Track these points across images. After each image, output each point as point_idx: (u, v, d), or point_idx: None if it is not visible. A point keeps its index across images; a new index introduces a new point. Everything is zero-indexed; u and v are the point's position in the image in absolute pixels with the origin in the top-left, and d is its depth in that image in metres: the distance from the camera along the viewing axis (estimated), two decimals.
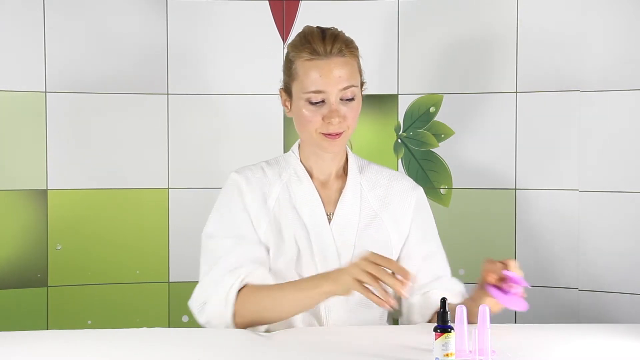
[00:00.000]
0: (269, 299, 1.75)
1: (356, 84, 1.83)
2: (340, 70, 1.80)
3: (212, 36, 2.60)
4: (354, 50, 1.85)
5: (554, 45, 2.48)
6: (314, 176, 1.90)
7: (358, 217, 1.88)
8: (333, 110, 1.79)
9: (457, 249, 2.57)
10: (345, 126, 1.81)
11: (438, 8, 2.56)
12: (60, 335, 1.73)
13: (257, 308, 1.76)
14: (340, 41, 1.82)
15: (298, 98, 1.83)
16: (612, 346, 1.61)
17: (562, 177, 2.49)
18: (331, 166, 1.90)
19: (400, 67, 2.59)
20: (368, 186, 1.92)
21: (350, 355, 1.54)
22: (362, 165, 1.95)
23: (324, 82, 1.79)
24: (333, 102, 1.80)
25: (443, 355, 1.40)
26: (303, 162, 1.90)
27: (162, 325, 2.58)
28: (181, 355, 1.55)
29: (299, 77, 1.82)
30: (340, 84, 1.79)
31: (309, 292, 1.72)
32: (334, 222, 1.87)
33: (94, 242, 2.57)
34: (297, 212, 1.87)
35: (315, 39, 1.81)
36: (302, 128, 1.85)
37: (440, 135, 2.59)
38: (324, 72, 1.79)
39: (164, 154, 2.60)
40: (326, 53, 1.80)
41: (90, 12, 2.54)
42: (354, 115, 1.83)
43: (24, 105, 2.51)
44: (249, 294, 1.76)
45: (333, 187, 1.91)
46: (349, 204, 1.88)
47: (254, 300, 1.76)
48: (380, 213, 1.91)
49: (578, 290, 2.48)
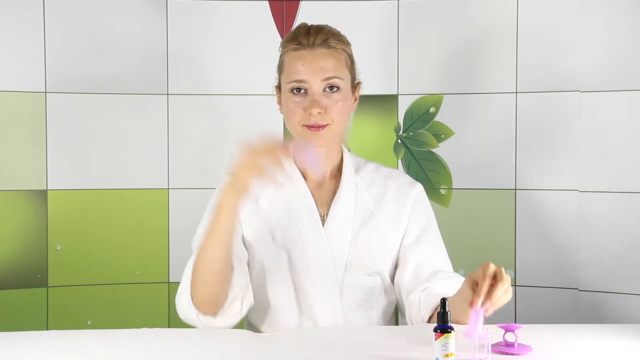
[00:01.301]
0: (198, 261, 1.72)
1: (341, 77, 1.81)
2: (324, 61, 1.79)
3: (212, 36, 2.60)
4: (343, 45, 1.84)
5: (554, 45, 2.48)
6: (308, 177, 1.89)
7: (353, 217, 1.87)
8: (313, 100, 1.78)
9: (457, 249, 2.57)
10: (328, 119, 1.79)
11: (438, 8, 2.56)
12: (60, 335, 1.73)
13: (197, 275, 1.72)
14: (326, 33, 1.82)
15: (284, 90, 1.83)
16: (612, 346, 1.61)
17: (562, 177, 2.49)
18: (325, 166, 1.89)
19: (400, 67, 2.59)
20: (364, 185, 1.90)
21: (350, 355, 1.54)
22: (358, 164, 1.93)
23: (306, 71, 1.79)
24: (315, 93, 1.78)
25: (443, 356, 1.40)
26: (297, 163, 1.89)
27: (162, 325, 2.58)
28: (181, 355, 1.55)
29: (284, 68, 1.83)
30: (322, 74, 1.78)
31: (215, 222, 1.67)
32: (327, 223, 1.85)
33: (94, 242, 2.58)
34: (289, 213, 1.86)
35: (302, 31, 1.83)
36: (287, 121, 1.84)
37: (440, 136, 2.59)
38: (307, 61, 1.79)
39: (164, 154, 2.60)
40: (309, 44, 1.80)
41: (90, 12, 2.54)
42: (339, 108, 1.80)
43: (24, 105, 2.51)
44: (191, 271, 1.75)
45: (328, 188, 1.89)
46: (344, 204, 1.87)
47: (194, 271, 1.73)
48: (376, 212, 1.89)
49: (578, 290, 2.48)
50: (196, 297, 1.73)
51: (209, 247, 1.70)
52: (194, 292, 1.73)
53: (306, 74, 1.79)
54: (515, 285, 2.53)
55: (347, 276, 1.84)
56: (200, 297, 1.73)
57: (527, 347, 1.55)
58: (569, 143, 2.48)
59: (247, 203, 1.83)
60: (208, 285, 1.73)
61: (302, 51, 1.80)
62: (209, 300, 1.74)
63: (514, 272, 2.53)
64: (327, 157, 1.88)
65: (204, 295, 1.73)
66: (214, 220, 1.68)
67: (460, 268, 2.58)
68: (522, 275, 2.53)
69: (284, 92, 1.83)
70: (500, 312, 1.80)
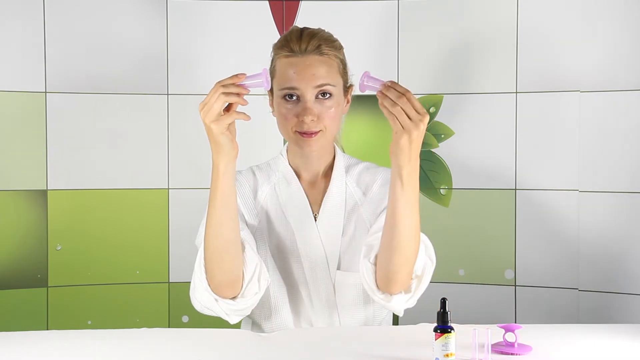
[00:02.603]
0: (208, 237, 1.70)
1: (333, 83, 1.80)
2: (316, 68, 1.78)
3: (212, 36, 2.60)
4: (335, 50, 1.83)
5: (554, 45, 2.48)
6: (302, 177, 1.90)
7: (342, 216, 1.88)
8: (306, 108, 1.77)
9: (457, 249, 2.58)
10: (321, 125, 1.79)
11: (438, 8, 2.56)
12: (60, 335, 1.73)
13: (209, 254, 1.70)
14: (319, 39, 1.81)
15: (276, 96, 1.83)
16: (612, 346, 1.61)
17: (562, 177, 2.49)
18: (317, 166, 1.89)
19: (400, 67, 2.59)
20: (353, 184, 1.91)
21: (350, 355, 1.54)
22: (349, 164, 1.93)
23: (298, 79, 1.78)
24: (307, 100, 1.78)
25: (443, 356, 1.40)
26: (291, 163, 1.90)
27: (162, 325, 2.58)
28: (181, 355, 1.55)
29: (277, 74, 1.83)
30: (314, 81, 1.78)
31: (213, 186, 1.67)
32: (319, 221, 1.86)
33: (94, 242, 2.58)
34: (283, 213, 1.87)
35: (293, 37, 1.81)
36: (280, 126, 1.84)
37: (440, 135, 2.59)
38: (299, 69, 1.78)
39: (164, 154, 2.60)
40: (301, 51, 1.79)
41: (90, 13, 2.54)
42: (331, 115, 1.79)
43: (24, 105, 2.52)
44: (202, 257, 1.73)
45: (320, 187, 1.90)
46: (334, 203, 1.87)
47: (205, 253, 1.71)
48: (361, 206, 1.89)
49: (578, 290, 2.48)
50: (214, 280, 1.71)
51: (214, 215, 1.68)
52: (210, 276, 1.71)
53: (298, 81, 1.78)
54: (516, 285, 2.53)
55: (340, 274, 1.85)
56: (218, 278, 1.71)
57: (527, 347, 1.55)
58: (569, 143, 2.48)
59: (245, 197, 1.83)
60: (223, 261, 1.70)
61: (294, 58, 1.79)
62: (228, 277, 1.71)
63: (514, 272, 2.53)
64: (319, 157, 1.88)
65: (222, 274, 1.70)
66: (213, 186, 1.68)
67: (460, 268, 2.58)
68: (522, 275, 2.53)
69: (276, 98, 1.83)
70: (500, 312, 1.81)
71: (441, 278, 2.46)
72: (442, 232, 2.57)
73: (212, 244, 1.70)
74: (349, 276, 1.85)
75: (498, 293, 2.54)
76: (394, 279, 1.71)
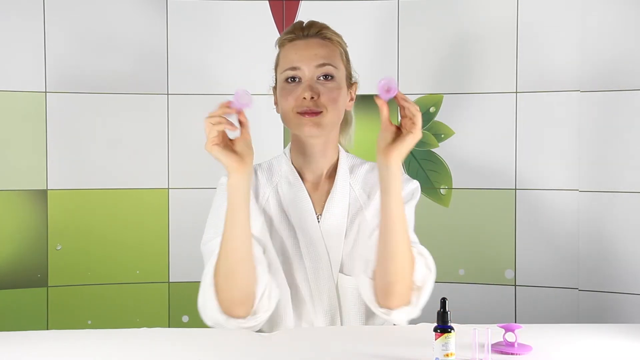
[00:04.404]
0: (221, 257, 1.70)
1: (335, 65, 1.81)
2: (318, 49, 1.81)
3: (212, 36, 2.60)
4: (338, 38, 1.86)
5: (554, 45, 2.48)
6: (305, 178, 1.88)
7: (346, 217, 1.87)
8: (306, 86, 1.79)
9: (457, 249, 2.58)
10: (322, 106, 1.78)
11: (438, 8, 2.56)
12: (60, 335, 1.73)
13: (221, 270, 1.70)
14: (320, 26, 1.85)
15: (279, 81, 1.84)
16: (612, 346, 1.61)
17: (562, 177, 2.49)
18: (321, 166, 1.88)
19: (400, 67, 2.59)
20: (357, 185, 1.90)
21: (350, 355, 1.54)
22: (354, 164, 1.92)
23: (299, 58, 1.80)
24: (308, 79, 1.79)
25: (443, 356, 1.40)
26: (294, 163, 1.89)
27: (162, 325, 2.58)
28: (181, 355, 1.55)
29: (280, 61, 1.85)
30: (316, 60, 1.79)
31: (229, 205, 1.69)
32: (322, 223, 1.85)
33: (94, 242, 2.58)
34: (286, 214, 1.86)
35: (297, 25, 1.86)
36: (282, 112, 1.84)
37: (440, 135, 2.59)
38: (300, 49, 1.81)
39: (164, 154, 2.60)
40: (304, 35, 1.84)
41: (90, 13, 2.55)
42: (333, 96, 1.79)
43: (24, 105, 2.52)
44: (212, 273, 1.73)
45: (323, 188, 1.88)
46: (337, 204, 1.86)
47: (217, 268, 1.71)
48: (365, 207, 1.88)
49: (578, 290, 2.48)
50: (225, 299, 1.70)
51: (226, 231, 1.69)
52: (221, 296, 1.70)
53: (300, 61, 1.80)
54: (516, 285, 2.53)
55: (342, 277, 1.84)
56: (230, 295, 1.70)
57: (527, 347, 1.55)
58: (569, 143, 2.48)
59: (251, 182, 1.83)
60: (235, 278, 1.69)
61: (297, 41, 1.83)
62: (239, 296, 1.70)
63: (514, 272, 2.53)
64: (322, 156, 1.87)
65: (233, 292, 1.70)
66: (228, 204, 1.69)
67: (460, 268, 2.58)
68: (522, 275, 2.53)
69: (279, 84, 1.84)
70: (500, 312, 1.81)
71: (441, 278, 2.45)
72: (442, 232, 2.57)
73: (225, 260, 1.69)
74: (351, 279, 1.84)
75: (498, 293, 2.55)
76: (392, 290, 1.72)
